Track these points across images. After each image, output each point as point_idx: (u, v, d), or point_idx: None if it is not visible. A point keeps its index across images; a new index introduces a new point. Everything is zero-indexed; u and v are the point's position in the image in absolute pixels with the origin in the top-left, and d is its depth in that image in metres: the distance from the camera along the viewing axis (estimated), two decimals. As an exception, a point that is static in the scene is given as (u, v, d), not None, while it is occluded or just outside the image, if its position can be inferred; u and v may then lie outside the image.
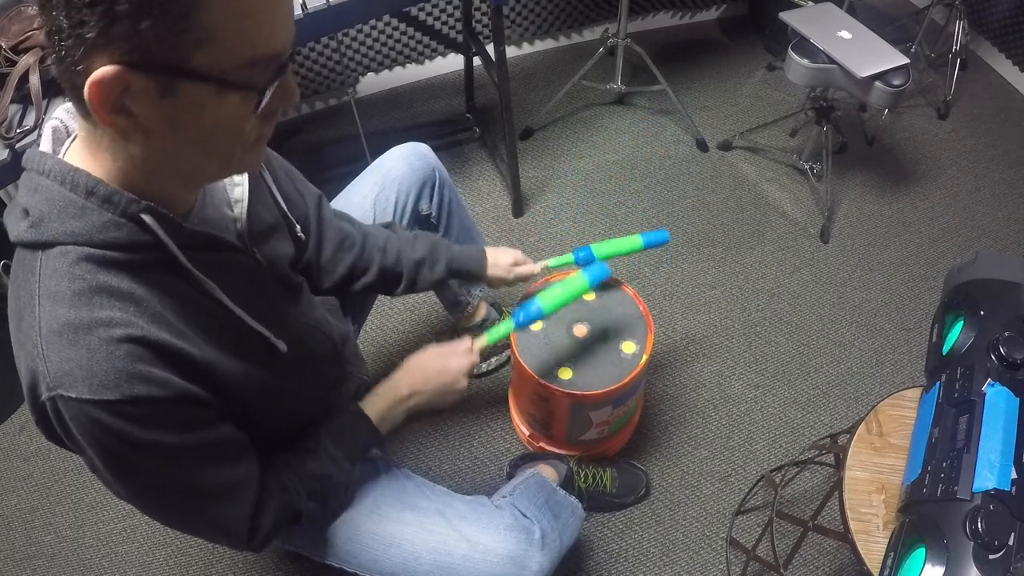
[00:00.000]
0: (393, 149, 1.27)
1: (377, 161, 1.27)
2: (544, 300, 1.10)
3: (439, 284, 1.15)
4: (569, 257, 1.24)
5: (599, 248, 1.24)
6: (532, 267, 1.22)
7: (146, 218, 0.61)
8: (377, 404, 0.97)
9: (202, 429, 0.70)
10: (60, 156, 0.62)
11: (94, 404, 0.59)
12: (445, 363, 1.01)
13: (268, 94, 0.57)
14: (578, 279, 1.13)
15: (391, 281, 1.12)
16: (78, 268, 0.60)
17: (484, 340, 1.07)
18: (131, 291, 0.62)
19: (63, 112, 0.66)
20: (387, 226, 1.16)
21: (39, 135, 0.66)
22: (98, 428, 0.61)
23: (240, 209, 0.78)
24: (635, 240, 1.25)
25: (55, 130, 0.65)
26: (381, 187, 1.23)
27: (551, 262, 1.24)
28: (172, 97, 0.53)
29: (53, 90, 1.17)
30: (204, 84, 0.53)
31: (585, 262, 1.23)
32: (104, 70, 0.50)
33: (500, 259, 1.19)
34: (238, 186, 0.78)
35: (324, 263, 1.04)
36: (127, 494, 0.70)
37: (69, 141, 0.64)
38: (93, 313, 0.59)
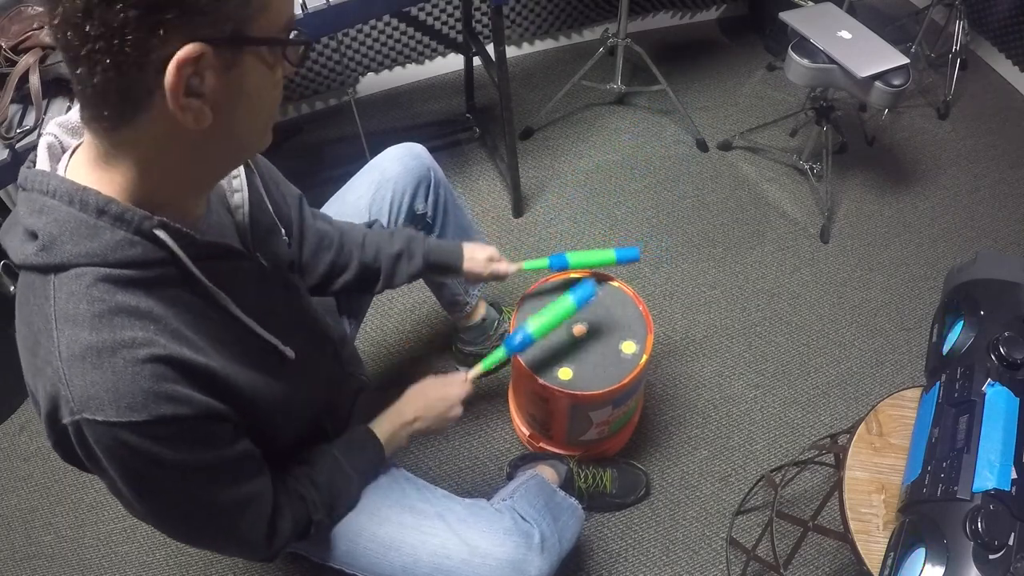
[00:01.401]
0: (388, 149, 1.27)
1: (372, 162, 1.27)
2: (533, 326, 1.16)
3: (416, 277, 1.17)
4: (544, 262, 1.28)
5: (573, 257, 1.29)
6: (507, 266, 1.25)
7: (160, 234, 0.60)
8: (384, 427, 1.01)
9: (223, 446, 0.70)
10: (60, 173, 0.61)
11: (122, 426, 0.59)
12: (444, 391, 1.07)
13: (307, 47, 0.62)
14: (566, 301, 1.18)
15: (370, 277, 1.13)
16: (96, 290, 0.59)
17: (478, 369, 1.14)
18: (149, 309, 0.61)
19: (56, 127, 0.66)
20: (369, 226, 1.17)
21: (34, 151, 0.64)
22: (124, 450, 0.60)
23: (242, 214, 0.78)
24: (608, 254, 1.31)
25: (50, 147, 0.64)
26: (376, 187, 1.23)
27: (526, 264, 1.29)
28: (235, 68, 0.56)
29: (53, 90, 1.17)
30: (262, 49, 0.57)
31: (559, 268, 1.29)
32: (188, 48, 0.51)
33: (476, 254, 1.22)
34: (237, 192, 0.79)
35: (304, 263, 1.05)
36: (148, 514, 0.70)
37: (66, 157, 0.63)
38: (115, 335, 0.59)
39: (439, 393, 1.07)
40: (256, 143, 0.67)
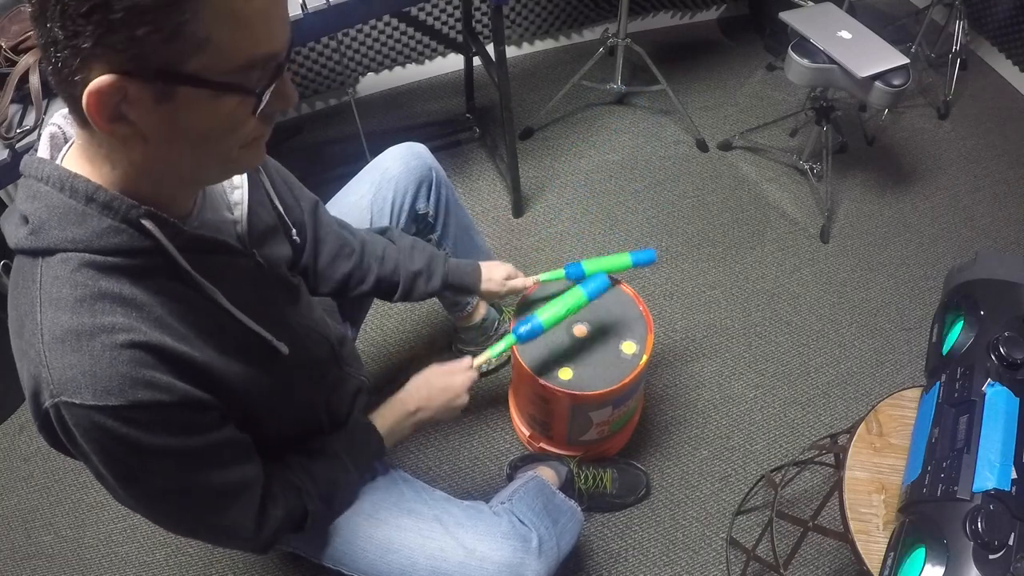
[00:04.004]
0: (389, 149, 1.27)
1: (374, 162, 1.27)
2: (543, 316, 1.14)
3: (432, 296, 1.18)
4: (560, 272, 1.27)
5: (589, 264, 1.27)
6: (525, 281, 1.26)
7: (146, 223, 0.61)
8: (386, 418, 1.01)
9: (205, 433, 0.70)
10: (58, 162, 0.62)
11: (98, 410, 0.59)
12: (448, 381, 1.05)
13: (265, 97, 0.57)
14: (576, 293, 1.16)
15: (387, 290, 1.14)
16: (79, 275, 0.59)
17: (484, 356, 1.11)
18: (133, 296, 0.62)
19: (60, 118, 0.66)
20: (383, 231, 1.17)
21: (37, 140, 0.65)
22: (102, 434, 0.61)
23: (240, 212, 0.78)
24: (623, 258, 1.28)
25: (53, 136, 0.65)
26: (378, 187, 1.23)
27: (543, 276, 1.28)
28: (169, 103, 0.53)
29: (53, 90, 1.17)
30: (201, 89, 0.53)
31: (576, 278, 1.26)
32: (101, 80, 0.50)
33: (494, 273, 1.22)
34: (237, 188, 0.79)
35: (321, 269, 1.05)
36: (131, 499, 0.70)
37: (67, 147, 0.64)
38: (96, 319, 0.59)
39: (442, 383, 1.05)
40: (217, 172, 0.65)
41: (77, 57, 0.50)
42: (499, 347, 1.14)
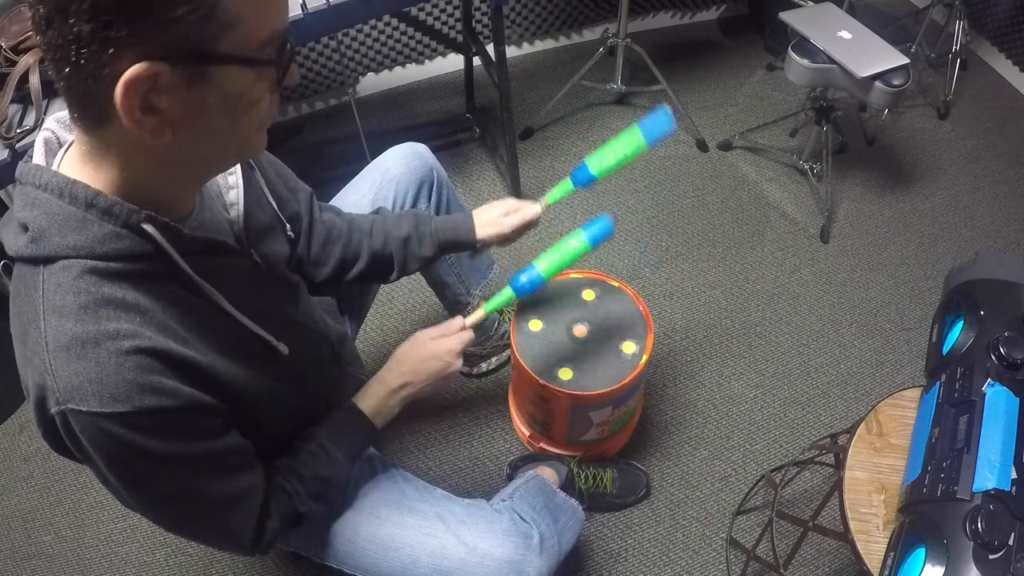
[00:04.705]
0: (390, 149, 1.27)
1: (374, 162, 1.27)
2: (542, 265, 1.05)
3: (432, 260, 1.12)
4: (568, 185, 1.11)
5: (593, 164, 1.09)
6: (531, 209, 1.12)
7: (147, 228, 0.61)
8: (369, 400, 0.96)
9: (211, 438, 0.70)
10: (55, 167, 0.62)
11: (105, 417, 0.59)
12: (434, 348, 0.99)
13: (285, 69, 0.59)
14: (577, 238, 1.05)
15: (383, 265, 1.11)
16: (82, 281, 0.59)
17: (479, 314, 1.04)
18: (136, 302, 0.62)
19: (54, 123, 0.66)
20: (376, 212, 1.15)
21: (32, 146, 0.65)
22: (109, 440, 0.61)
23: (237, 211, 0.78)
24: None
25: (47, 141, 0.65)
26: (379, 188, 1.23)
27: (550, 198, 1.13)
28: (200, 85, 0.54)
29: (53, 90, 1.17)
30: (232, 67, 0.54)
31: (585, 182, 1.10)
32: (136, 68, 0.50)
33: (487, 215, 1.13)
34: (233, 188, 0.79)
35: (314, 257, 1.04)
36: (137, 504, 0.70)
37: (62, 152, 0.64)
38: (100, 326, 0.59)
39: (429, 350, 0.99)
40: (235, 154, 0.66)
41: (108, 48, 0.49)
42: (497, 300, 1.05)
